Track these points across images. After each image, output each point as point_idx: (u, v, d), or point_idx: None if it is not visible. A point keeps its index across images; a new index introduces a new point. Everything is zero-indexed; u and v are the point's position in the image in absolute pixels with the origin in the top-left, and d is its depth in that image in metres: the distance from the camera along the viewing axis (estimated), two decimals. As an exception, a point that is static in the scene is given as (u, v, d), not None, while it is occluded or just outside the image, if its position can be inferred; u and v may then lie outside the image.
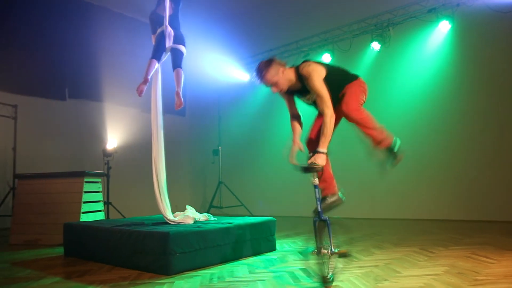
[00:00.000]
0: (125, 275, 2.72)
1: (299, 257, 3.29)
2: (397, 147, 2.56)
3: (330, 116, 2.44)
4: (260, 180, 7.71)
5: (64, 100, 6.73)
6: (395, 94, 6.11)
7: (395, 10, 6.01)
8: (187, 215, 3.50)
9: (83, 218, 4.39)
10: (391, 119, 5.99)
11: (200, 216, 3.62)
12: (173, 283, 2.51)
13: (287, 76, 2.57)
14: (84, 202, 4.47)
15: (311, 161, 2.38)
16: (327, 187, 2.65)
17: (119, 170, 6.67)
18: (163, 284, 2.49)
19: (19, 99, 5.93)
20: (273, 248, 3.60)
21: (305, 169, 2.40)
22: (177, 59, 3.50)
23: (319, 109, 2.61)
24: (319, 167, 2.37)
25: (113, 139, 6.93)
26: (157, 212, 4.87)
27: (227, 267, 2.95)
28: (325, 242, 2.34)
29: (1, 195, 5.63)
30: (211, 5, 6.93)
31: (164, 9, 3.54)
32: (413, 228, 4.96)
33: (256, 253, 3.39)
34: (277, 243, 3.71)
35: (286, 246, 3.84)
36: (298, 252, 3.48)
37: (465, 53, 5.59)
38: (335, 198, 2.63)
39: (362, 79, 2.73)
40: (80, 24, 6.83)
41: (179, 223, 3.38)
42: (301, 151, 2.73)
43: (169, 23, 3.54)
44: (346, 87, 2.63)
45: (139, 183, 7.26)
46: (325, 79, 2.53)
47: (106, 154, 6.33)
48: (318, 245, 2.31)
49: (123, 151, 7.00)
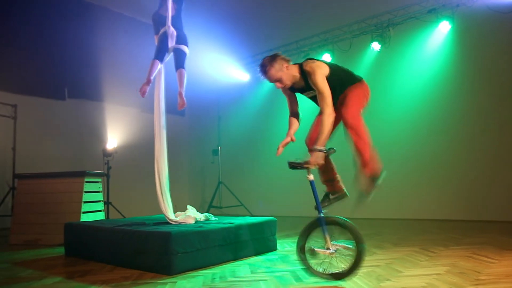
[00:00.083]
0: (127, 275, 2.72)
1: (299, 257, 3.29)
2: (381, 179, 2.46)
3: (329, 114, 2.42)
4: (259, 180, 7.71)
5: (63, 99, 6.72)
6: (395, 94, 6.12)
7: (395, 10, 6.02)
8: (188, 215, 3.50)
9: (83, 218, 4.38)
10: (391, 119, 6.04)
11: (201, 216, 3.62)
12: (175, 283, 2.51)
13: (291, 72, 2.55)
14: (84, 202, 4.47)
15: (305, 161, 2.34)
16: (333, 185, 2.66)
17: (119, 170, 6.66)
18: (165, 284, 2.49)
19: (19, 99, 5.91)
20: (274, 248, 3.61)
21: (291, 166, 2.37)
22: (179, 60, 3.50)
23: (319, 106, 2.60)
24: (309, 166, 2.32)
25: (113, 139, 6.92)
26: (157, 212, 4.87)
27: (229, 267, 2.96)
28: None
29: (1, 195, 5.61)
30: (211, 4, 6.93)
31: (166, 9, 3.54)
32: (413, 228, 4.97)
33: (257, 253, 3.39)
34: (278, 243, 3.71)
35: (286, 246, 3.85)
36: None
37: (465, 53, 5.61)
38: (340, 194, 2.65)
39: (365, 82, 2.70)
40: (79, 23, 6.82)
41: (180, 223, 3.38)
42: (293, 141, 2.65)
43: (172, 24, 3.55)
44: (348, 88, 2.61)
45: (139, 183, 7.26)
46: (328, 78, 2.52)
47: (106, 154, 6.32)
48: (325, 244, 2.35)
49: (123, 151, 6.99)
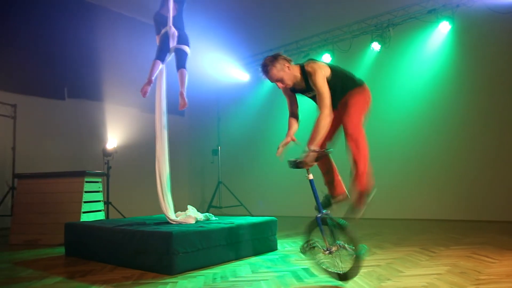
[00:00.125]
0: (128, 275, 2.72)
1: (301, 256, 3.29)
2: (371, 196, 2.43)
3: (326, 115, 2.38)
4: (259, 180, 7.71)
5: (63, 99, 6.71)
6: (395, 94, 6.12)
7: (395, 10, 6.01)
8: (189, 215, 3.50)
9: (83, 218, 4.38)
10: (391, 119, 6.04)
11: (201, 216, 3.62)
12: (176, 283, 2.51)
13: (293, 72, 2.54)
14: (84, 202, 4.47)
15: (299, 160, 2.33)
16: (334, 188, 2.63)
17: (119, 170, 6.66)
18: (166, 284, 2.49)
19: (19, 99, 5.90)
20: (274, 248, 3.61)
21: (293, 165, 2.37)
22: (181, 60, 3.50)
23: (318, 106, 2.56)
24: (306, 164, 2.32)
25: (113, 138, 6.91)
26: (157, 212, 4.86)
27: (230, 266, 2.96)
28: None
29: (0, 195, 5.60)
30: (211, 4, 6.92)
31: (168, 10, 3.54)
32: (413, 228, 4.97)
33: (257, 253, 3.40)
34: (278, 243, 3.71)
35: (287, 246, 3.85)
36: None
37: (465, 53, 5.61)
38: (340, 198, 2.63)
39: (366, 86, 2.66)
40: (79, 23, 6.81)
41: (181, 223, 3.38)
42: (294, 142, 2.61)
43: (173, 24, 3.54)
44: (349, 92, 2.58)
45: (139, 183, 7.25)
46: (329, 79, 2.51)
47: (106, 153, 6.31)
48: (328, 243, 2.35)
49: (123, 150, 6.99)
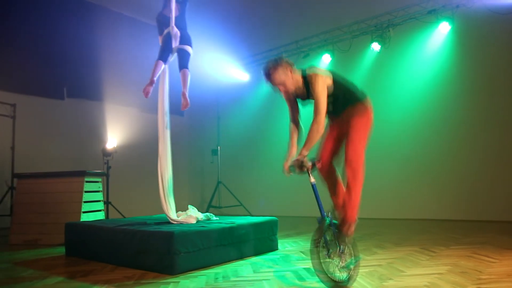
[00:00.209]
0: (129, 275, 2.72)
1: (301, 256, 3.30)
2: (351, 229, 2.35)
3: (320, 123, 2.34)
4: (259, 180, 7.71)
5: (62, 99, 6.70)
6: (395, 95, 6.14)
7: (395, 11, 6.03)
8: (190, 215, 3.50)
9: (83, 217, 4.37)
10: (391, 120, 6.05)
11: (202, 215, 3.62)
12: (178, 282, 2.51)
13: (295, 78, 2.51)
14: (84, 201, 4.46)
15: (292, 164, 2.37)
16: (346, 212, 2.41)
17: (119, 169, 6.65)
18: (168, 283, 2.49)
19: (18, 98, 5.88)
20: (275, 247, 3.62)
21: (296, 168, 2.37)
22: (183, 60, 3.50)
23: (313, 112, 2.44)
24: (305, 165, 2.32)
25: (113, 138, 6.90)
26: (157, 211, 4.86)
27: (231, 266, 2.96)
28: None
29: (0, 194, 5.58)
30: (211, 4, 6.92)
31: (170, 10, 3.54)
32: (413, 227, 4.98)
33: (258, 252, 3.40)
34: (279, 243, 3.72)
35: (287, 245, 3.86)
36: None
37: (465, 54, 5.63)
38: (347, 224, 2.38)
39: (369, 102, 2.55)
40: (79, 23, 6.80)
41: (181, 222, 3.38)
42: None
43: (176, 24, 3.54)
44: (351, 107, 2.49)
45: (138, 183, 7.25)
46: (330, 90, 2.45)
47: (105, 153, 6.30)
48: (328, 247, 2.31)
49: (123, 150, 6.98)
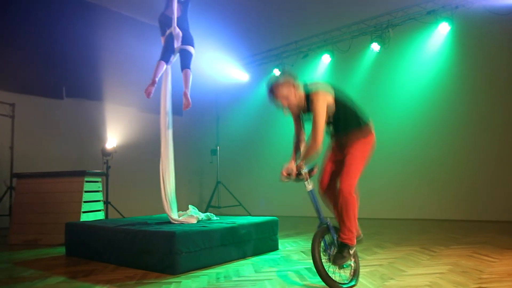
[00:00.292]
0: (131, 275, 2.71)
1: (302, 256, 3.31)
2: (353, 249, 2.30)
3: (317, 141, 2.33)
4: (258, 180, 7.71)
5: (61, 99, 6.69)
6: (395, 95, 6.16)
7: (394, 11, 6.04)
8: (191, 215, 3.50)
9: (83, 217, 4.36)
10: (391, 120, 6.06)
11: (203, 215, 3.62)
12: (180, 282, 2.51)
13: (298, 94, 2.48)
14: (84, 201, 4.45)
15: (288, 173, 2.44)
16: (342, 234, 2.31)
17: (118, 169, 6.64)
18: (170, 283, 2.49)
19: (17, 98, 5.87)
20: (275, 247, 3.63)
21: (293, 176, 2.44)
22: (185, 60, 3.50)
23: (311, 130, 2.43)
24: (301, 173, 2.38)
25: (112, 138, 6.89)
26: (156, 211, 4.86)
27: (232, 266, 2.96)
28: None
29: (-1, 194, 5.56)
30: (211, 4, 6.92)
31: (172, 11, 3.54)
32: (412, 227, 5.00)
33: (259, 252, 3.40)
34: (279, 243, 3.72)
35: (288, 245, 3.86)
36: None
37: (465, 54, 5.64)
38: (353, 251, 2.31)
39: (372, 128, 2.50)
40: (78, 23, 6.78)
41: (182, 222, 3.38)
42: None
43: (178, 25, 3.55)
44: (353, 132, 2.45)
45: (138, 183, 7.24)
46: (331, 108, 2.43)
47: (105, 153, 6.28)
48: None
49: (122, 150, 6.96)
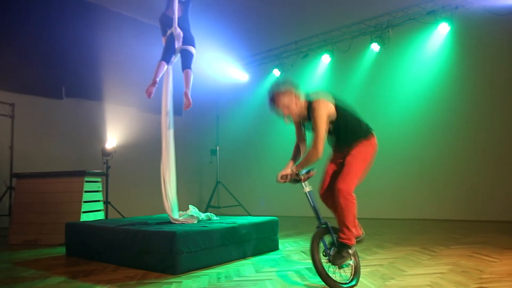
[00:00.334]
0: (131, 275, 2.71)
1: (303, 256, 3.31)
2: (352, 249, 2.32)
3: (318, 150, 2.33)
4: (258, 180, 7.71)
5: (61, 99, 6.68)
6: (394, 95, 6.16)
7: (394, 12, 6.05)
8: (191, 215, 3.50)
9: (83, 217, 4.36)
10: (391, 120, 6.07)
11: (203, 215, 3.62)
12: (181, 282, 2.51)
13: (299, 103, 2.48)
14: (84, 201, 4.44)
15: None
16: (341, 232, 2.33)
17: (118, 169, 6.63)
18: (171, 283, 2.49)
19: (17, 98, 5.86)
20: (276, 247, 3.63)
21: (289, 177, 2.48)
22: (186, 60, 3.50)
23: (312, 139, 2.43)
24: (298, 175, 2.41)
25: (112, 138, 6.88)
26: (156, 211, 4.86)
27: (233, 266, 2.96)
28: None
29: (-1, 194, 5.56)
30: (211, 4, 6.92)
31: (173, 11, 3.54)
32: (412, 227, 5.01)
33: (259, 252, 3.41)
34: (279, 243, 3.72)
35: (288, 245, 3.86)
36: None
37: (464, 54, 5.65)
38: (352, 250, 2.32)
39: (374, 137, 2.49)
40: (78, 23, 6.78)
41: (183, 222, 3.38)
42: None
43: (179, 25, 3.55)
44: (354, 143, 2.44)
45: (138, 183, 7.23)
46: (333, 119, 2.43)
47: (105, 153, 6.28)
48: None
49: (122, 150, 6.96)
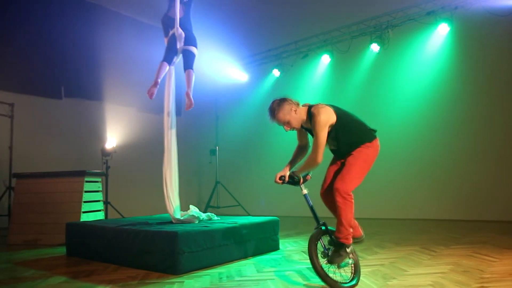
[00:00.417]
0: (133, 275, 2.71)
1: (303, 256, 3.31)
2: (349, 248, 2.33)
3: (318, 156, 2.36)
4: (257, 180, 7.70)
5: (60, 99, 6.67)
6: (394, 95, 6.17)
7: (394, 12, 6.06)
8: (192, 215, 3.50)
9: (83, 217, 4.35)
10: (391, 120, 6.08)
11: (204, 215, 3.62)
12: (183, 282, 2.51)
13: (300, 116, 2.49)
14: (84, 201, 4.44)
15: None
16: (338, 230, 2.34)
17: (118, 169, 6.63)
18: (173, 283, 2.49)
19: (16, 98, 5.85)
20: (276, 247, 3.63)
21: (287, 178, 2.51)
22: (188, 60, 3.50)
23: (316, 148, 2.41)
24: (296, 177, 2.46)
25: (112, 138, 6.87)
26: (156, 211, 4.86)
27: (234, 266, 2.97)
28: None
29: (-2, 194, 5.54)
30: (211, 4, 6.92)
31: (175, 12, 3.54)
32: (413, 227, 5.02)
33: (260, 252, 3.41)
34: (280, 243, 3.72)
35: (288, 245, 3.87)
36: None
37: (464, 55, 5.66)
38: (350, 249, 2.33)
39: (377, 141, 2.49)
40: (78, 23, 6.77)
41: (183, 222, 3.38)
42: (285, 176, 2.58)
43: (181, 25, 3.55)
44: (357, 148, 2.44)
45: (138, 183, 7.23)
46: (333, 127, 2.43)
47: (104, 153, 6.27)
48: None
49: (122, 150, 6.95)
